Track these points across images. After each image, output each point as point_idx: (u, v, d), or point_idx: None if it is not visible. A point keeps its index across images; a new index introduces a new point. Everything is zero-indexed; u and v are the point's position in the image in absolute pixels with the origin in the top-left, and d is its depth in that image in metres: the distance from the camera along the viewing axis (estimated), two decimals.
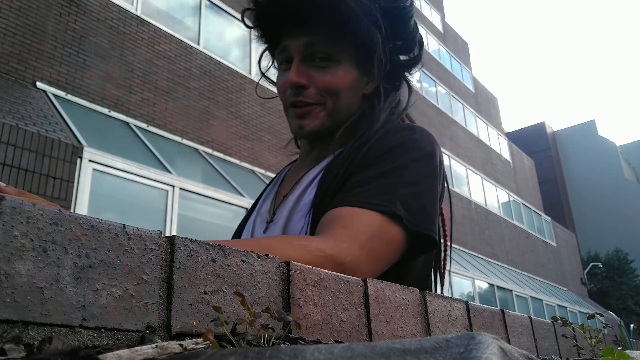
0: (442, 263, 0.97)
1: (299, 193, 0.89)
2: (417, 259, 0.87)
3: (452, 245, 1.00)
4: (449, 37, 19.51)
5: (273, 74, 1.06)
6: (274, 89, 1.01)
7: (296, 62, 0.89)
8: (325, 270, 0.55)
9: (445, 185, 0.93)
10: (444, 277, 0.97)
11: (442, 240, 0.97)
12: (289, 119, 0.93)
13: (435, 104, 15.66)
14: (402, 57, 0.96)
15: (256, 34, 0.99)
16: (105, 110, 6.24)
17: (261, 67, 1.06)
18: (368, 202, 0.74)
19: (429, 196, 0.81)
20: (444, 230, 0.98)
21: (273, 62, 1.04)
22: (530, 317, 0.86)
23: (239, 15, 7.81)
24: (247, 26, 0.98)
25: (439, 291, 0.95)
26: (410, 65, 0.97)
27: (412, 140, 0.84)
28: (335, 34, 0.88)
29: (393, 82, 0.97)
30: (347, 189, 0.79)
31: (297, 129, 0.91)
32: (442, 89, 16.66)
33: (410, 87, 1.01)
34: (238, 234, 1.02)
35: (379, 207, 0.74)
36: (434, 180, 0.83)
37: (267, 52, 1.02)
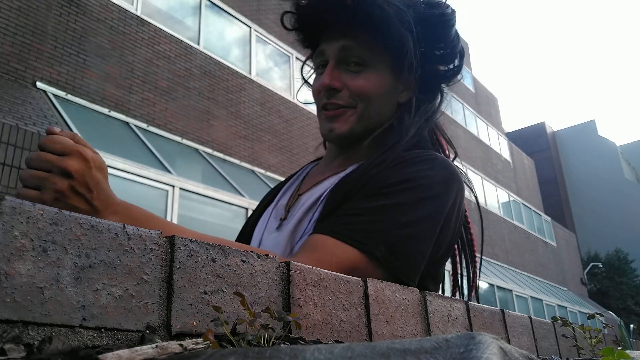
0: (472, 279, 0.97)
1: (315, 199, 0.87)
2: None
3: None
4: None
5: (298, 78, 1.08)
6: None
7: (331, 64, 0.89)
8: (325, 270, 0.55)
9: (465, 218, 0.92)
10: (472, 292, 0.97)
11: (467, 258, 0.97)
12: (320, 122, 0.92)
13: None
14: (441, 68, 0.94)
15: (297, 37, 0.99)
16: (105, 110, 6.24)
17: (302, 73, 1.06)
18: (351, 237, 0.72)
19: (422, 239, 0.77)
20: (473, 249, 0.97)
21: (303, 64, 1.05)
22: (530, 317, 0.86)
23: (239, 15, 7.85)
24: (287, 28, 0.97)
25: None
26: (449, 76, 0.96)
27: (425, 177, 0.79)
28: (370, 38, 0.87)
29: (429, 92, 0.95)
30: (339, 214, 0.76)
31: (327, 131, 0.90)
32: None
33: (442, 99, 0.98)
34: (253, 222, 1.00)
35: (360, 245, 0.71)
36: (434, 222, 0.79)
37: (309, 59, 1.01)
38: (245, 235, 0.99)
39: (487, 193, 16.79)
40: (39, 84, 5.68)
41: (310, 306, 0.50)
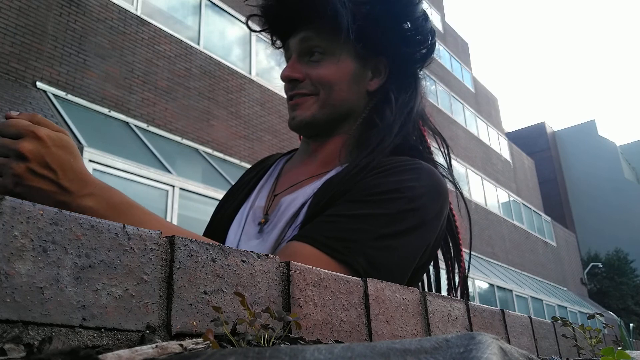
0: (459, 277, 0.95)
1: (298, 206, 0.83)
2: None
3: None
4: (449, 37, 19.51)
5: None
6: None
7: (293, 57, 0.90)
8: (325, 270, 0.55)
9: (454, 214, 0.91)
10: (458, 290, 0.95)
11: (454, 257, 0.95)
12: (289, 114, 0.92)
13: (435, 104, 15.66)
14: (411, 50, 0.91)
15: (269, 39, 0.99)
16: (105, 110, 6.24)
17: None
18: (330, 246, 0.70)
19: (402, 253, 0.75)
20: (459, 247, 0.95)
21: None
22: (530, 317, 0.86)
23: (239, 15, 7.85)
24: (252, 30, 0.98)
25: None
26: (422, 58, 0.93)
27: (410, 188, 0.77)
28: (328, 25, 0.86)
29: (403, 79, 0.93)
30: (320, 220, 0.74)
31: (290, 120, 0.90)
32: (442, 89, 16.66)
33: (417, 87, 0.95)
34: (226, 220, 0.93)
35: (339, 255, 0.69)
36: (417, 234, 0.76)
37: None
38: (217, 233, 0.92)
39: (487, 193, 16.79)
40: (39, 84, 5.68)
41: (310, 306, 0.50)
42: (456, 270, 0.95)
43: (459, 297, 0.95)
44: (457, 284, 0.95)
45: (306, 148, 0.96)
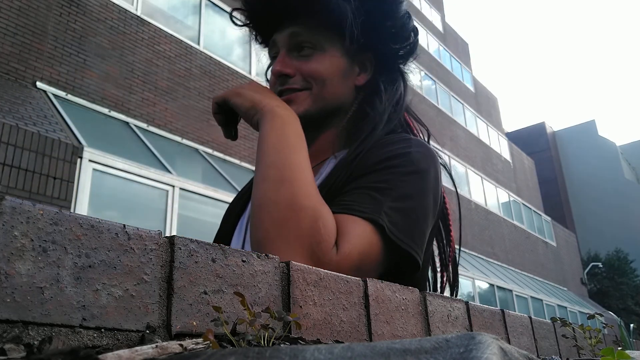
0: (446, 264, 0.95)
1: None
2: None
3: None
4: (449, 37, 19.51)
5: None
6: None
7: (282, 52, 0.89)
8: (325, 270, 0.55)
9: (444, 197, 0.91)
10: (445, 284, 0.95)
11: (444, 245, 0.95)
12: None
13: (436, 104, 15.66)
14: (394, 47, 0.93)
15: (251, 34, 0.99)
16: (105, 110, 6.24)
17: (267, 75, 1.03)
18: (353, 208, 0.72)
19: (416, 213, 0.77)
20: (450, 235, 0.95)
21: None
22: (530, 317, 0.86)
23: (238, 15, 7.85)
24: (236, 24, 0.99)
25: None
26: (405, 55, 0.95)
27: (406, 154, 0.81)
28: (317, 22, 0.88)
29: (387, 74, 0.95)
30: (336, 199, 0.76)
31: None
32: (442, 89, 16.66)
33: (405, 81, 0.97)
34: (228, 231, 0.96)
35: (364, 214, 0.71)
36: (424, 198, 0.79)
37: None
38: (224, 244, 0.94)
39: (487, 193, 16.79)
40: (39, 84, 5.68)
41: (310, 306, 0.50)
42: (447, 252, 0.95)
43: (450, 275, 0.94)
44: (448, 267, 0.95)
45: None
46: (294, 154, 0.74)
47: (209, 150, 7.36)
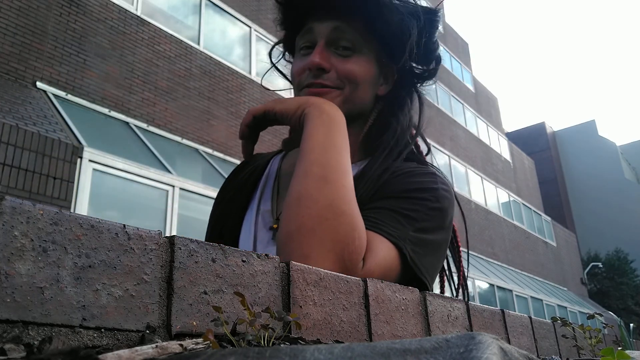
0: (458, 275, 0.99)
1: None
2: None
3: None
4: (449, 37, 19.50)
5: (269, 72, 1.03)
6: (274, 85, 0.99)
7: (321, 44, 0.86)
8: (325, 270, 0.55)
9: (455, 230, 0.95)
10: (459, 289, 0.99)
11: (455, 257, 0.99)
12: None
13: (435, 104, 15.66)
14: (417, 67, 0.94)
15: (280, 15, 0.94)
16: (105, 110, 6.24)
17: (272, 57, 1.01)
18: (383, 229, 0.74)
19: (434, 247, 0.81)
20: (458, 248, 0.99)
21: (284, 54, 1.01)
22: (530, 317, 0.86)
23: (239, 15, 7.85)
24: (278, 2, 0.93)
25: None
26: (424, 77, 0.95)
27: (433, 190, 0.82)
28: (364, 24, 0.86)
29: (403, 89, 0.95)
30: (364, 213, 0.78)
31: None
32: (442, 89, 16.66)
33: (422, 102, 0.97)
34: (232, 226, 0.92)
35: (392, 238, 0.74)
36: (443, 234, 0.83)
37: (282, 42, 0.99)
38: (225, 241, 0.89)
39: (487, 193, 16.79)
40: (39, 84, 5.68)
41: (310, 306, 0.50)
42: (454, 280, 0.98)
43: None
44: (456, 292, 0.98)
45: None
46: (340, 156, 0.73)
47: (209, 150, 7.35)
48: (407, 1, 0.88)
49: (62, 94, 5.86)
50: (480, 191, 16.41)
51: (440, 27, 0.92)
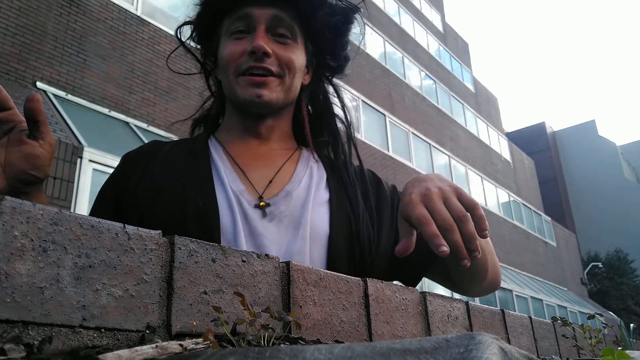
0: None
1: (305, 190, 0.89)
2: None
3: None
4: (449, 37, 19.50)
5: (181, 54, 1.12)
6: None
7: (262, 29, 0.87)
8: (325, 270, 0.55)
9: None
10: None
11: None
12: (239, 87, 0.87)
13: (436, 104, 15.66)
14: (330, 62, 0.99)
15: None
16: (105, 110, 6.24)
17: (179, 35, 1.07)
18: None
19: None
20: None
21: (192, 34, 1.08)
22: (530, 317, 0.86)
23: None
24: None
25: None
26: (333, 70, 1.01)
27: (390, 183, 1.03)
28: (297, 14, 0.90)
29: (320, 81, 1.01)
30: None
31: (255, 97, 0.86)
32: (442, 89, 16.66)
33: (339, 92, 1.02)
34: (205, 210, 0.81)
35: None
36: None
37: (193, 22, 1.04)
38: (204, 222, 0.81)
39: (487, 193, 16.79)
40: (39, 84, 5.68)
41: (310, 306, 0.50)
42: None
43: None
44: None
45: (247, 127, 0.94)
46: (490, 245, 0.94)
47: None
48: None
49: (62, 94, 5.86)
50: (480, 191, 16.41)
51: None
